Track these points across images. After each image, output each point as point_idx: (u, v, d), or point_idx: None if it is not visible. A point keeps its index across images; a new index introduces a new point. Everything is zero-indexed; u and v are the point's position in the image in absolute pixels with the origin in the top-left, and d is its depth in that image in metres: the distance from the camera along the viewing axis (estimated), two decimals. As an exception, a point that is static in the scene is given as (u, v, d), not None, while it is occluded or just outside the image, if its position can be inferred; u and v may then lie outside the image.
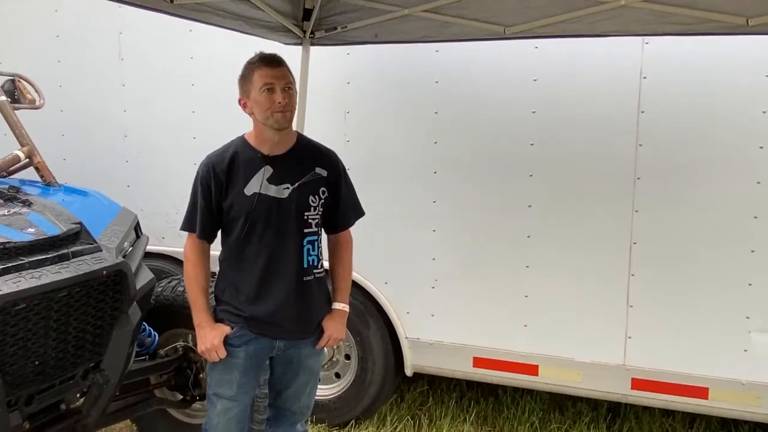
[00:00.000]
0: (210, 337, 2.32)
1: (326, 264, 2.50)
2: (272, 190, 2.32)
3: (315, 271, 2.41)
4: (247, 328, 2.35)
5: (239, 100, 2.34)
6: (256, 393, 2.61)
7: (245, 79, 2.31)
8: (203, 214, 2.37)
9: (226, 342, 2.33)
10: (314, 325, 2.44)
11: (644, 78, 3.05)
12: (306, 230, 2.37)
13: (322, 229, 2.49)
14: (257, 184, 2.32)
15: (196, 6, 2.45)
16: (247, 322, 2.35)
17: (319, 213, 2.41)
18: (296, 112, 3.18)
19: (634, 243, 3.15)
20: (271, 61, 2.28)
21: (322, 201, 2.40)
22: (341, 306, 2.51)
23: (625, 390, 3.23)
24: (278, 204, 2.32)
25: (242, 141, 2.40)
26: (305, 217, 2.36)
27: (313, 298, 2.41)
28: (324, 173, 2.40)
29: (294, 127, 3.14)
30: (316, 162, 2.41)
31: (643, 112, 3.07)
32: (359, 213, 2.57)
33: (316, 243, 2.41)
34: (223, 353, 2.32)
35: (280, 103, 2.25)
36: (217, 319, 2.39)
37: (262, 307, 2.34)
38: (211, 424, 2.44)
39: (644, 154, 3.09)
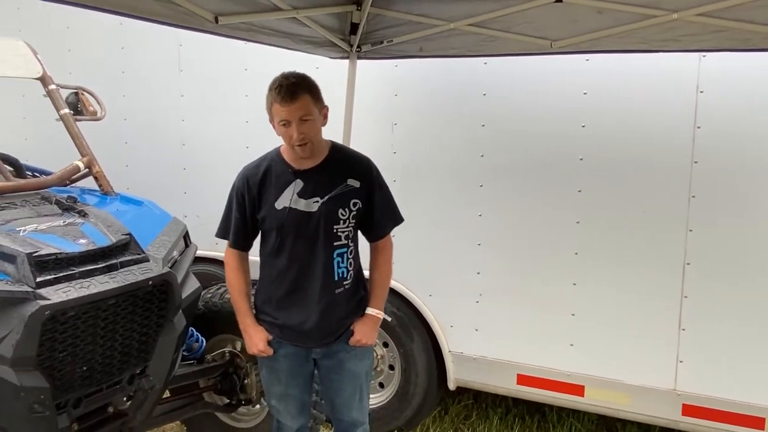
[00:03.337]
0: (255, 341, 2.47)
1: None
2: (302, 204, 2.36)
3: (345, 282, 2.45)
4: (281, 338, 2.47)
5: (269, 119, 2.35)
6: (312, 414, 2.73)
7: (267, 103, 2.31)
8: (237, 225, 2.48)
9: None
10: (343, 329, 2.49)
11: (701, 92, 2.92)
12: (336, 243, 2.40)
13: (360, 234, 2.52)
14: (288, 198, 2.37)
15: (241, 25, 2.50)
16: (281, 332, 2.46)
17: (351, 225, 2.43)
18: (343, 124, 3.26)
19: (688, 263, 3.02)
20: (284, 98, 2.22)
21: (353, 213, 2.42)
22: (374, 312, 2.53)
23: (676, 416, 3.10)
24: (308, 218, 2.36)
25: (276, 154, 2.45)
26: (334, 230, 2.39)
27: (342, 309, 2.47)
28: (356, 184, 2.42)
29: (341, 139, 3.19)
30: (348, 173, 2.42)
31: (699, 127, 2.94)
32: (397, 220, 2.56)
33: (345, 255, 2.43)
34: (270, 352, 2.46)
35: (295, 138, 2.26)
36: None
37: (292, 316, 2.44)
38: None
39: (700, 171, 2.96)
